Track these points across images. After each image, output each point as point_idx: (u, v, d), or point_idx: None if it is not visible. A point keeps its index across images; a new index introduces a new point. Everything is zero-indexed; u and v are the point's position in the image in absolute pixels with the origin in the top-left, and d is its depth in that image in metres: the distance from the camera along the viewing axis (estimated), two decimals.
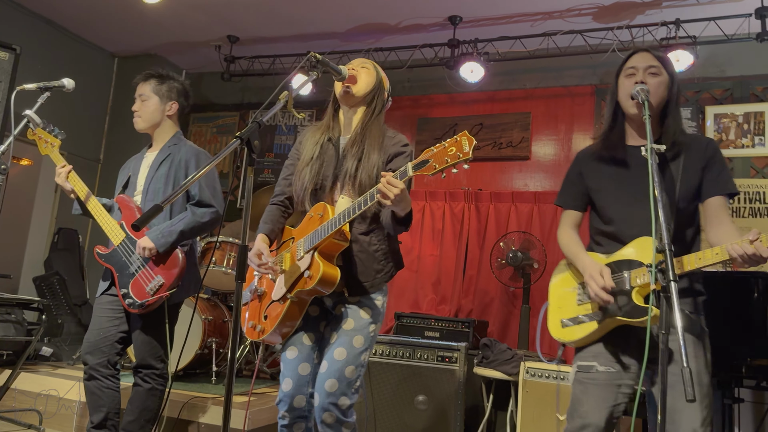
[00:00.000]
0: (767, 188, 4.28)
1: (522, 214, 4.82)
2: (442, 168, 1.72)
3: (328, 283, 1.96)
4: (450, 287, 4.91)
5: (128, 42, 5.82)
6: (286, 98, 1.78)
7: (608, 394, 1.91)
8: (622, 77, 2.08)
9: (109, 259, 2.74)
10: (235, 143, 1.53)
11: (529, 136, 5.03)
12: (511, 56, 4.87)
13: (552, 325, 2.10)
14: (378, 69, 2.24)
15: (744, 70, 4.53)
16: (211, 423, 3.14)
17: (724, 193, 1.97)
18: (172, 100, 2.87)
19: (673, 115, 2.02)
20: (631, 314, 1.87)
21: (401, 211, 1.89)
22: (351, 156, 2.08)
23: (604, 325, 1.94)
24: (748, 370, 2.66)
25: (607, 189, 2.07)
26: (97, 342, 2.69)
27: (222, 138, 6.46)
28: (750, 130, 4.42)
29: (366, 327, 2.06)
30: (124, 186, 2.86)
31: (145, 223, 1.34)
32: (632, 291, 1.89)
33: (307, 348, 2.11)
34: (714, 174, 1.98)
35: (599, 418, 1.88)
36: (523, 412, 3.52)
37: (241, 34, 5.45)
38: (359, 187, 2.04)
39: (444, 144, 1.73)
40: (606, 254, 2.03)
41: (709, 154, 1.99)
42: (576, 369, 2.00)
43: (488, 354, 3.92)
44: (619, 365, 1.93)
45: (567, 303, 2.08)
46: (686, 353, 1.46)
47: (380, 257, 2.09)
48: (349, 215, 1.91)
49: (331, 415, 1.99)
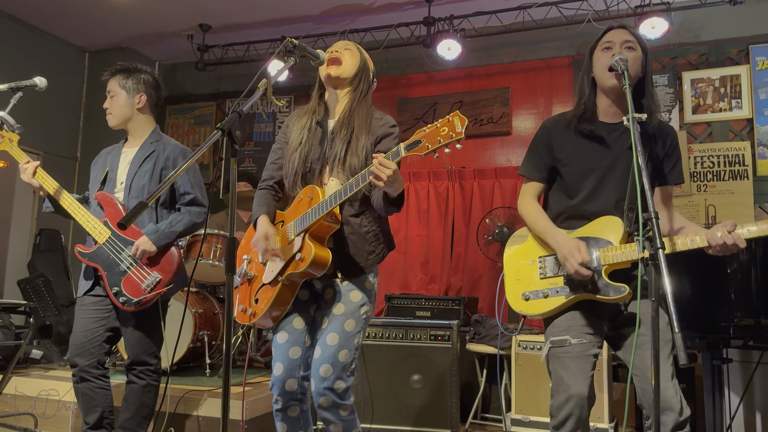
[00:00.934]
0: (746, 150, 4.34)
1: (506, 190, 4.84)
2: (434, 148, 1.72)
3: (319, 265, 1.96)
4: (438, 266, 4.94)
5: (98, 36, 5.70)
6: (265, 86, 1.75)
7: (585, 364, 1.93)
8: (597, 52, 2.08)
9: (94, 257, 2.70)
10: (216, 135, 1.50)
11: (509, 111, 5.03)
12: (487, 31, 4.85)
13: (512, 298, 2.09)
14: (362, 51, 2.23)
15: (718, 34, 4.56)
16: (208, 415, 3.14)
17: (677, 183, 2.10)
18: (140, 92, 2.81)
19: (650, 92, 2.04)
20: (603, 292, 1.90)
21: (393, 192, 1.89)
22: (340, 139, 2.08)
23: (572, 299, 1.96)
24: (735, 330, 2.71)
25: (577, 163, 2.06)
26: (84, 344, 2.66)
27: (200, 129, 6.38)
28: (727, 94, 4.46)
29: (357, 310, 2.06)
30: (102, 182, 2.81)
31: (131, 222, 1.32)
32: (602, 268, 1.91)
33: (298, 332, 2.11)
34: (671, 163, 2.08)
35: (582, 388, 1.90)
36: (517, 385, 3.57)
37: (213, 22, 5.37)
38: (349, 170, 2.03)
39: (436, 124, 1.73)
40: (568, 230, 2.03)
41: (671, 143, 2.07)
42: (549, 345, 2.00)
43: (480, 330, 3.96)
44: (590, 336, 1.95)
45: (526, 276, 2.07)
46: (677, 320, 1.48)
47: (371, 239, 2.10)
48: (340, 197, 1.91)
49: (327, 400, 2.00)
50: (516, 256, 2.13)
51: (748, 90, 4.40)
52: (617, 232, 1.93)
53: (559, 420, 1.93)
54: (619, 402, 4.09)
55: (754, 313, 2.67)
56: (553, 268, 2.02)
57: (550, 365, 2.00)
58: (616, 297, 1.87)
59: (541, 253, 2.07)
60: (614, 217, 1.96)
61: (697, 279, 2.01)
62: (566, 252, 1.91)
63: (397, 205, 1.96)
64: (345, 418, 2.04)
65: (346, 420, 2.05)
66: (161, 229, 2.65)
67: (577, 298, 1.95)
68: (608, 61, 1.98)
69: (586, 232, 1.99)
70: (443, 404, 3.34)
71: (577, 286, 1.94)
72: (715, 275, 2.73)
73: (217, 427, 3.12)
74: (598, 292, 1.90)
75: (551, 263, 2.03)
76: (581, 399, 1.89)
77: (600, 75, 2.04)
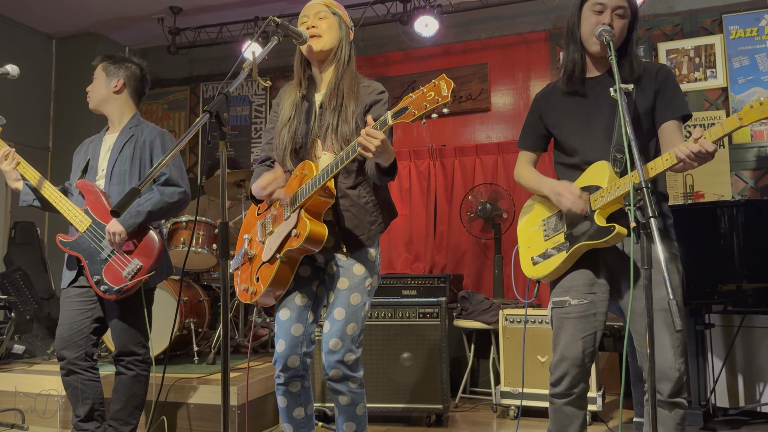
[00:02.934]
0: (722, 119, 4.38)
1: (487, 166, 4.85)
2: (421, 114, 1.70)
3: (315, 241, 1.95)
4: (422, 245, 4.95)
5: (65, 21, 5.53)
6: (250, 66, 1.71)
7: (584, 325, 1.98)
8: (587, 10, 2.01)
9: (76, 246, 2.66)
10: (204, 117, 1.47)
11: (487, 87, 5.03)
12: (463, 7, 4.81)
13: (524, 265, 2.16)
14: (336, 10, 2.15)
15: (692, 4, 4.59)
16: (200, 402, 3.13)
17: (677, 116, 1.98)
18: (118, 77, 2.80)
19: (633, 52, 2.03)
20: (596, 236, 1.92)
21: (385, 162, 1.88)
22: (330, 111, 2.06)
23: (573, 253, 1.98)
24: (718, 296, 2.76)
25: (568, 123, 2.09)
26: (71, 336, 2.62)
27: (174, 114, 6.27)
28: (702, 64, 4.51)
29: (362, 283, 2.07)
30: (84, 170, 2.76)
31: (124, 208, 1.29)
32: (594, 214, 1.93)
33: (300, 308, 2.12)
34: (667, 98, 1.98)
35: (575, 351, 1.96)
36: (505, 358, 3.61)
37: (183, 4, 5.25)
38: (342, 140, 2.02)
39: (422, 89, 1.70)
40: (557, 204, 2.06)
41: (660, 78, 2.00)
42: (551, 305, 2.07)
43: (467, 306, 3.99)
44: (592, 295, 1.99)
45: (535, 241, 2.13)
46: (670, 285, 1.50)
47: (371, 209, 2.09)
48: (331, 170, 1.89)
49: (338, 372, 2.04)
50: (526, 225, 2.20)
51: (723, 59, 4.45)
52: (605, 175, 1.94)
53: (555, 377, 2.01)
54: (604, 370, 4.17)
55: (737, 278, 2.72)
56: (555, 227, 2.06)
57: (553, 325, 2.06)
58: (608, 237, 1.88)
59: (544, 215, 2.12)
60: (601, 162, 1.97)
61: (681, 246, 2.02)
62: (556, 194, 1.99)
63: (390, 174, 1.96)
64: (354, 390, 2.08)
65: (355, 392, 2.09)
66: (128, 209, 2.58)
67: (577, 251, 1.97)
68: (595, 25, 1.97)
69: (580, 183, 2.02)
70: (434, 380, 3.37)
71: (575, 237, 1.97)
72: (697, 242, 2.78)
73: (208, 414, 3.12)
74: (592, 238, 1.92)
75: (553, 222, 2.08)
76: (576, 358, 1.96)
77: (586, 38, 2.03)
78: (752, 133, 4.36)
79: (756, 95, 4.36)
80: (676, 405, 1.87)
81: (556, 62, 4.88)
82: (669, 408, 1.87)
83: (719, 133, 1.69)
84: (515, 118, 5.00)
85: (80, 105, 5.71)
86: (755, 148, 4.35)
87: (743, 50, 4.42)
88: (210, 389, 3.16)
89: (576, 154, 2.06)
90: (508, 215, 4.42)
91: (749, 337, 3.29)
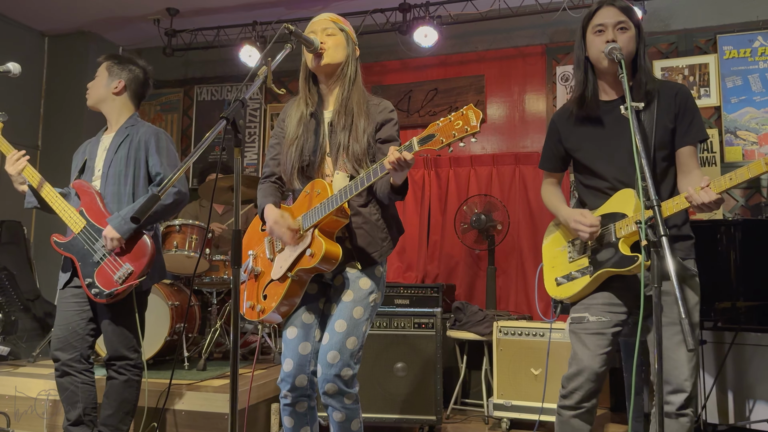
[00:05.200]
0: (714, 138, 4.45)
1: (482, 178, 4.87)
2: (449, 142, 1.72)
3: (330, 261, 1.94)
4: (415, 254, 4.94)
5: (59, 19, 5.47)
6: (265, 74, 1.70)
7: (601, 341, 1.99)
8: (590, 34, 2.06)
9: (69, 248, 2.62)
10: (221, 124, 1.46)
11: (483, 99, 5.05)
12: (463, 18, 4.84)
13: (548, 284, 2.18)
14: (343, 26, 2.15)
15: (687, 23, 4.66)
16: (191, 410, 3.08)
17: (695, 142, 2.01)
18: (120, 78, 2.78)
19: (643, 67, 2.04)
20: (619, 264, 1.94)
21: (399, 180, 1.90)
22: (341, 129, 2.05)
23: (596, 278, 2.00)
24: (714, 313, 2.79)
25: (587, 147, 2.11)
26: (66, 337, 2.59)
27: (166, 116, 6.22)
28: (696, 82, 4.57)
29: (366, 297, 2.06)
30: (81, 171, 2.73)
31: (144, 215, 1.27)
32: (618, 242, 1.95)
33: (307, 327, 2.10)
34: (686, 123, 2.01)
35: (594, 362, 1.97)
36: (498, 370, 3.61)
37: (181, 6, 5.21)
38: (354, 159, 2.01)
39: (450, 117, 1.72)
40: (591, 210, 2.08)
41: (680, 101, 2.01)
42: (570, 321, 2.08)
43: (461, 317, 3.99)
44: (610, 314, 2.00)
45: (559, 262, 2.15)
46: (684, 304, 1.51)
47: (382, 225, 2.09)
48: (351, 192, 1.89)
49: (333, 387, 2.00)
50: (551, 245, 2.22)
51: (716, 78, 4.52)
52: (631, 204, 1.96)
53: (568, 390, 2.01)
54: None
55: (733, 296, 2.75)
56: (579, 250, 2.08)
57: (571, 340, 2.07)
58: (631, 267, 1.90)
59: (569, 237, 2.14)
60: (628, 190, 1.98)
61: None
62: (572, 222, 2.02)
63: (402, 192, 1.97)
64: (349, 406, 2.05)
65: (349, 408, 2.05)
66: (122, 214, 2.56)
67: (600, 276, 2.00)
68: (602, 45, 1.99)
69: (606, 209, 2.03)
70: (428, 391, 3.36)
71: (599, 263, 1.99)
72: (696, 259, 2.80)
73: (200, 422, 3.07)
74: (616, 266, 1.94)
75: (578, 245, 2.09)
76: (592, 373, 1.96)
77: (596, 57, 2.04)
78: (744, 152, 4.42)
79: (748, 115, 4.43)
80: (684, 415, 1.89)
81: (552, 76, 4.92)
82: (677, 417, 1.89)
83: (723, 186, 1.74)
84: (510, 130, 5.02)
85: (71, 104, 5.72)
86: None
87: (737, 70, 4.49)
88: (201, 396, 3.11)
89: (600, 177, 2.08)
90: (502, 227, 4.43)
91: (740, 354, 3.32)
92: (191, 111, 6.09)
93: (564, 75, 4.87)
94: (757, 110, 4.41)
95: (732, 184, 1.73)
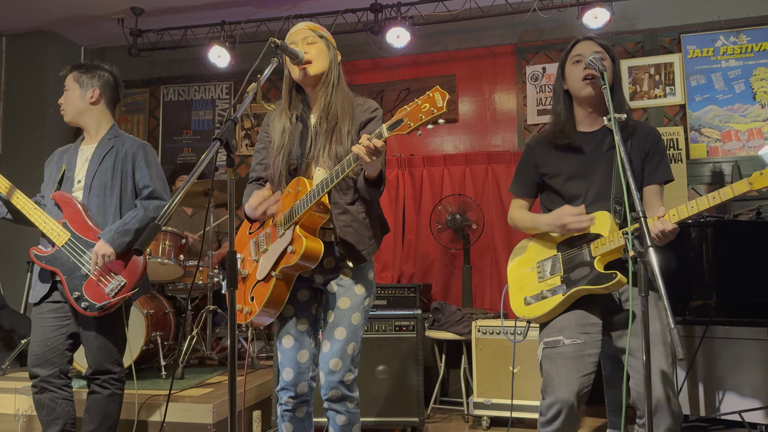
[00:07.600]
0: (679, 135, 4.58)
1: (455, 177, 4.90)
2: (417, 125, 1.71)
3: (311, 257, 1.94)
4: (390, 254, 4.96)
5: (17, 18, 5.28)
6: (255, 90, 1.68)
7: (577, 365, 1.97)
8: (568, 65, 2.16)
9: (53, 261, 2.56)
10: (215, 145, 1.43)
11: (455, 98, 5.08)
12: (434, 19, 4.85)
13: (515, 305, 2.17)
14: (323, 33, 2.15)
15: (652, 23, 4.76)
16: (173, 421, 3.04)
17: (661, 181, 2.12)
18: (93, 87, 2.72)
19: (618, 96, 2.11)
20: (596, 281, 1.97)
21: (373, 171, 1.89)
22: (323, 134, 2.06)
23: (570, 296, 2.02)
24: (689, 311, 2.88)
25: (565, 173, 2.15)
26: (45, 353, 2.54)
27: (132, 117, 6.08)
28: (661, 81, 4.68)
29: (362, 303, 2.09)
30: (59, 181, 2.66)
31: (147, 246, 1.24)
32: (594, 260, 1.99)
33: (302, 334, 2.12)
34: (654, 164, 2.11)
35: (568, 393, 1.93)
36: (478, 369, 3.66)
37: (146, 5, 5.09)
38: (336, 159, 2.01)
39: (417, 101, 1.72)
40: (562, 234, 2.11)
41: (651, 141, 2.12)
42: (543, 346, 2.05)
43: (439, 317, 4.02)
44: (585, 336, 2.00)
45: (527, 282, 2.15)
46: (670, 315, 1.55)
47: (369, 224, 2.10)
48: (327, 185, 1.88)
49: (337, 392, 2.05)
50: (518, 266, 2.22)
51: (681, 77, 4.64)
52: (606, 225, 2.00)
53: (547, 418, 1.98)
54: None
55: (706, 294, 2.84)
56: (551, 269, 2.09)
57: (542, 366, 2.03)
58: (608, 284, 1.93)
59: (539, 258, 2.15)
60: (603, 212, 2.03)
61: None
62: (560, 220, 2.03)
63: (378, 185, 1.96)
64: (352, 410, 2.10)
65: (352, 412, 2.11)
66: (114, 228, 2.54)
67: (574, 294, 2.01)
68: (581, 72, 2.08)
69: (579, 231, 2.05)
70: (409, 393, 3.38)
71: (573, 281, 2.01)
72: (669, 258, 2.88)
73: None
74: (592, 283, 1.97)
75: (549, 265, 2.10)
76: (567, 403, 1.93)
77: (574, 86, 2.12)
78: (708, 149, 4.55)
79: (711, 113, 4.56)
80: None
81: (522, 75, 4.98)
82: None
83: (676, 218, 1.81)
84: (482, 129, 5.07)
85: (32, 106, 5.55)
86: (710, 164, 4.55)
87: (700, 69, 4.62)
88: (183, 407, 3.07)
89: (575, 201, 2.11)
90: (477, 226, 4.48)
91: (710, 348, 3.43)
92: (158, 111, 5.97)
93: (534, 74, 4.93)
94: (720, 108, 4.55)
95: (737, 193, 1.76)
